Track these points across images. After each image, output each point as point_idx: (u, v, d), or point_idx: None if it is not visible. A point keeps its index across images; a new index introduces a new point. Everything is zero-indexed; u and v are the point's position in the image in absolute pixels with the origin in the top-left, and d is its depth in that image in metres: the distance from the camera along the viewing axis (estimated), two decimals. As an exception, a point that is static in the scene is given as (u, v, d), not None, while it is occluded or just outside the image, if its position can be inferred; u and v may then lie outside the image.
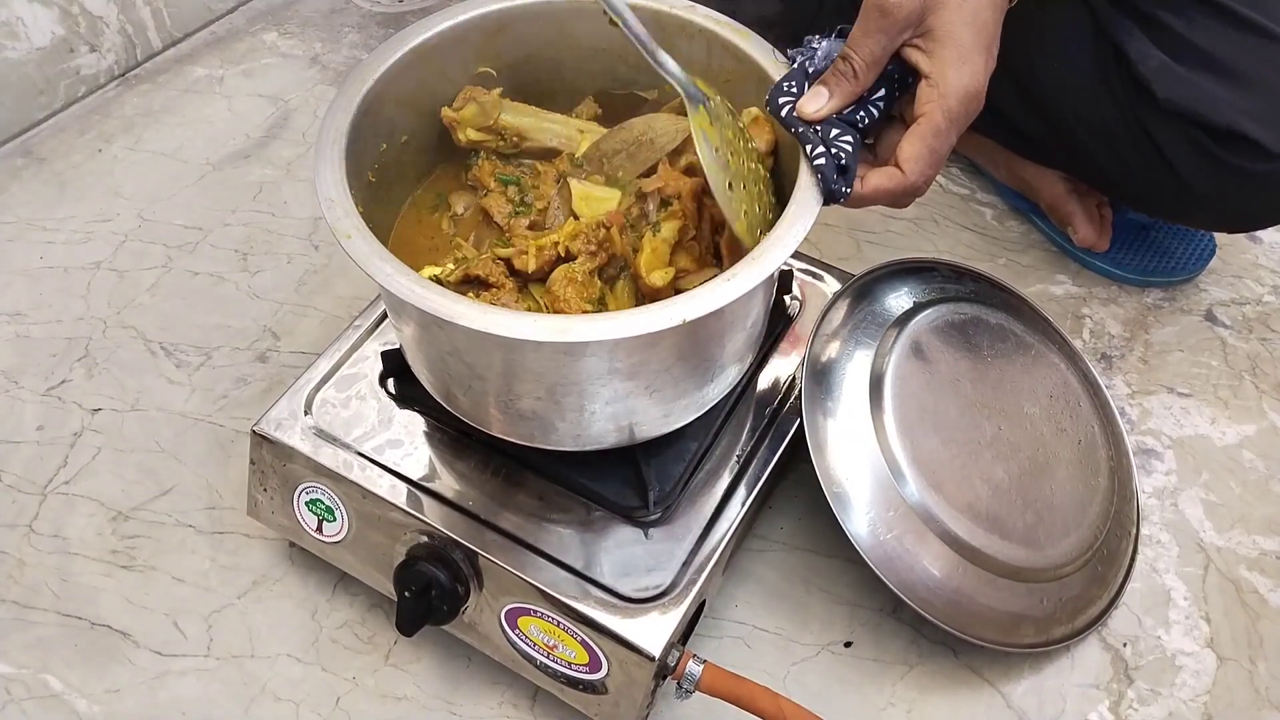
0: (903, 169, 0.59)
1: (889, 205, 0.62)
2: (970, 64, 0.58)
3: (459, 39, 0.70)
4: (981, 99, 0.60)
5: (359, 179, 0.63)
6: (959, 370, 0.74)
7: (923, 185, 0.60)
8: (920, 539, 0.69)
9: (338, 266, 1.00)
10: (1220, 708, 0.73)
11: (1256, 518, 0.84)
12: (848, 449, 0.70)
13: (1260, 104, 0.79)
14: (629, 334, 0.53)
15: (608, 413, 0.61)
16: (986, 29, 0.59)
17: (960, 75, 0.58)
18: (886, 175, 0.60)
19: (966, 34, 0.58)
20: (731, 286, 0.55)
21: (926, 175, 0.60)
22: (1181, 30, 0.80)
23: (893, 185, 0.60)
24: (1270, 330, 0.97)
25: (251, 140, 1.14)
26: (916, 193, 0.61)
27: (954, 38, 0.58)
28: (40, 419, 0.88)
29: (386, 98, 0.66)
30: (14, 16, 1.08)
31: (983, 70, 0.59)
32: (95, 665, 0.74)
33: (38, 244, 1.02)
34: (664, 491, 0.68)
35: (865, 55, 0.59)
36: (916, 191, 0.61)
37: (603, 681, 0.65)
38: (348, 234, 0.57)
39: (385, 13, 1.27)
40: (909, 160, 0.59)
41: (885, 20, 0.58)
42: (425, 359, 0.65)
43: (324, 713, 0.72)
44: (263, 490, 0.74)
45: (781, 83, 0.62)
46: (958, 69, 0.58)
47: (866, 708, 0.73)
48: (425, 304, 0.54)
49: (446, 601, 0.66)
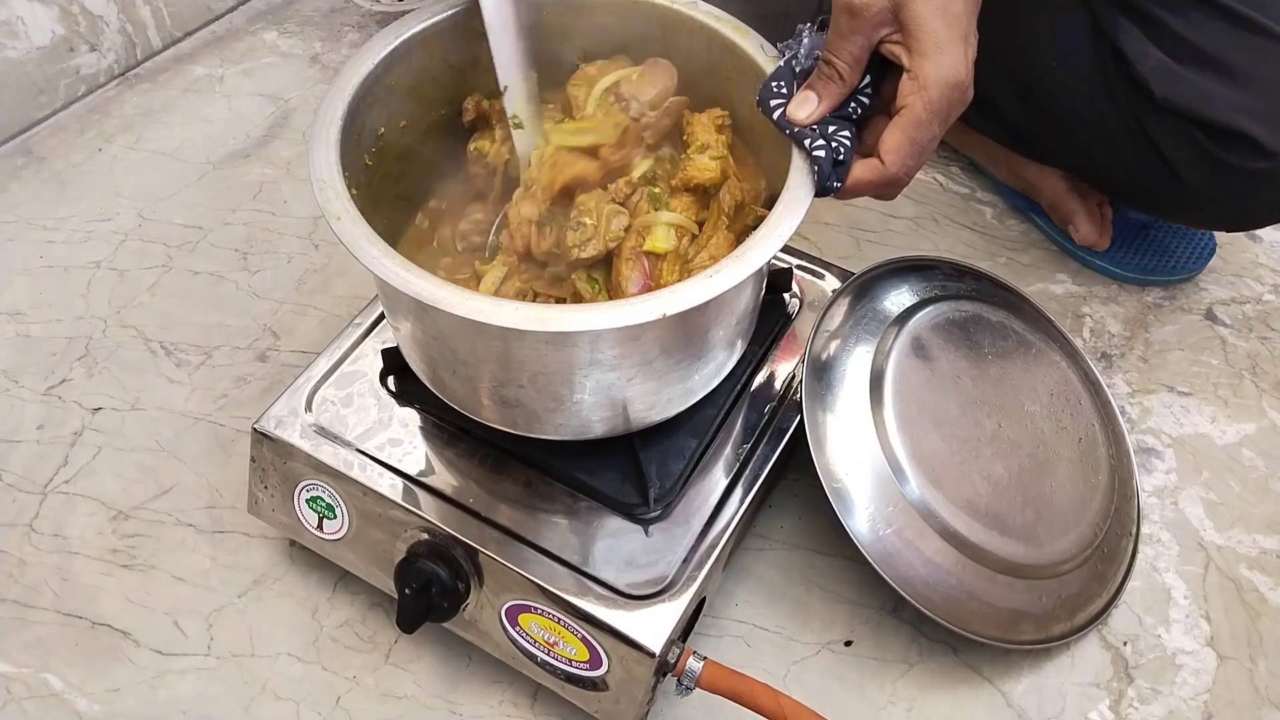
0: (884, 160, 0.60)
1: (873, 196, 0.62)
2: (948, 54, 0.58)
3: (460, 26, 0.70)
4: (965, 89, 0.59)
5: (355, 163, 0.63)
6: (959, 368, 0.74)
7: (904, 177, 0.61)
8: (920, 535, 0.69)
9: (338, 265, 1.00)
10: (1220, 706, 0.73)
11: (1256, 516, 0.84)
12: (848, 446, 0.70)
13: (1259, 102, 0.79)
14: (609, 325, 0.54)
15: (593, 402, 0.61)
16: (960, 19, 0.59)
17: (939, 66, 0.58)
18: (868, 167, 0.60)
19: (939, 24, 0.58)
20: (714, 282, 0.55)
21: (908, 167, 0.60)
22: (1180, 29, 0.80)
23: (874, 177, 0.60)
24: (1270, 329, 0.97)
25: (251, 139, 1.14)
26: (899, 184, 0.61)
27: (927, 30, 0.58)
28: (40, 418, 0.88)
29: (385, 83, 0.67)
30: (14, 16, 1.08)
31: (962, 60, 0.59)
32: (95, 664, 0.74)
33: (38, 243, 1.02)
34: (664, 489, 0.68)
35: (845, 58, 0.60)
36: (898, 183, 0.61)
37: (603, 678, 0.65)
38: (337, 215, 0.57)
39: (385, 12, 1.27)
40: (890, 152, 0.59)
41: (856, 21, 0.59)
42: (415, 344, 0.66)
43: (324, 711, 0.72)
44: (263, 488, 0.74)
45: (770, 82, 0.62)
46: (935, 60, 0.58)
47: (867, 706, 0.73)
48: (410, 289, 0.54)
49: (447, 599, 0.66)
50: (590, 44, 0.72)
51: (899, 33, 0.59)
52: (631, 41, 0.66)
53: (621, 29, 0.70)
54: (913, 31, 0.58)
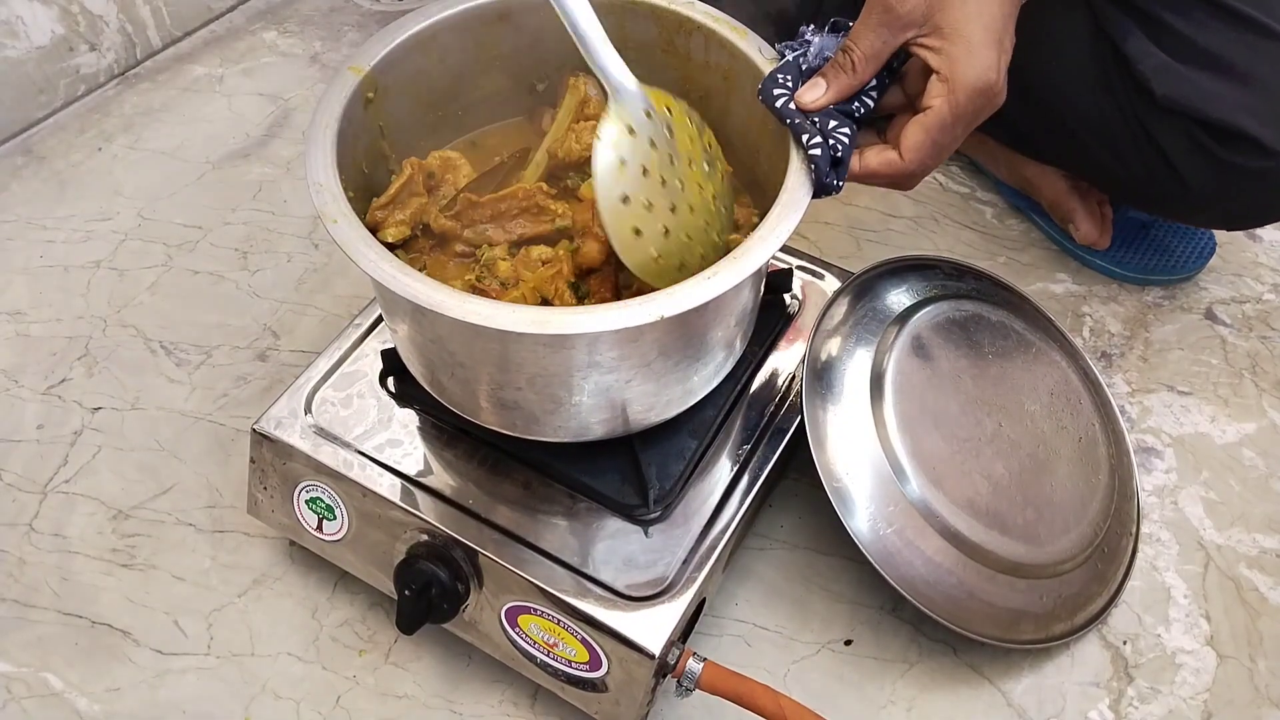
0: (903, 155, 0.60)
1: (883, 186, 0.63)
2: (980, 59, 0.58)
3: (458, 27, 0.70)
4: (995, 94, 0.60)
5: (352, 166, 0.63)
6: (960, 367, 0.74)
7: (919, 173, 0.61)
8: (920, 534, 0.69)
9: (338, 265, 1.00)
10: (1220, 705, 0.73)
11: (1256, 516, 0.84)
12: (848, 445, 0.70)
13: (1260, 101, 0.79)
14: (607, 328, 0.53)
15: (592, 404, 0.61)
16: (995, 24, 0.59)
17: (970, 70, 0.58)
18: (884, 160, 0.61)
19: (975, 29, 0.58)
20: (713, 284, 0.55)
21: (925, 165, 0.60)
22: (1181, 28, 0.80)
23: (889, 170, 0.61)
24: (1270, 328, 0.97)
25: (251, 139, 1.14)
26: (912, 180, 0.61)
27: (961, 34, 0.58)
28: (40, 418, 0.88)
29: (382, 84, 0.66)
30: (14, 15, 1.08)
31: (994, 65, 0.59)
32: (95, 664, 0.74)
33: (37, 243, 1.02)
34: (664, 490, 0.68)
35: (865, 49, 0.60)
36: (912, 179, 0.61)
37: (603, 679, 0.65)
38: (334, 219, 0.57)
39: (385, 11, 1.27)
40: (910, 149, 0.60)
41: (888, 16, 0.59)
42: (413, 347, 0.65)
43: (324, 711, 0.72)
44: (263, 489, 0.74)
45: (776, 73, 0.62)
46: (966, 64, 0.58)
47: (867, 706, 0.73)
48: (408, 291, 0.54)
49: (447, 600, 0.66)
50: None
51: (931, 35, 0.59)
52: (628, 41, 0.66)
53: (618, 29, 0.70)
54: (948, 34, 0.58)
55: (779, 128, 0.62)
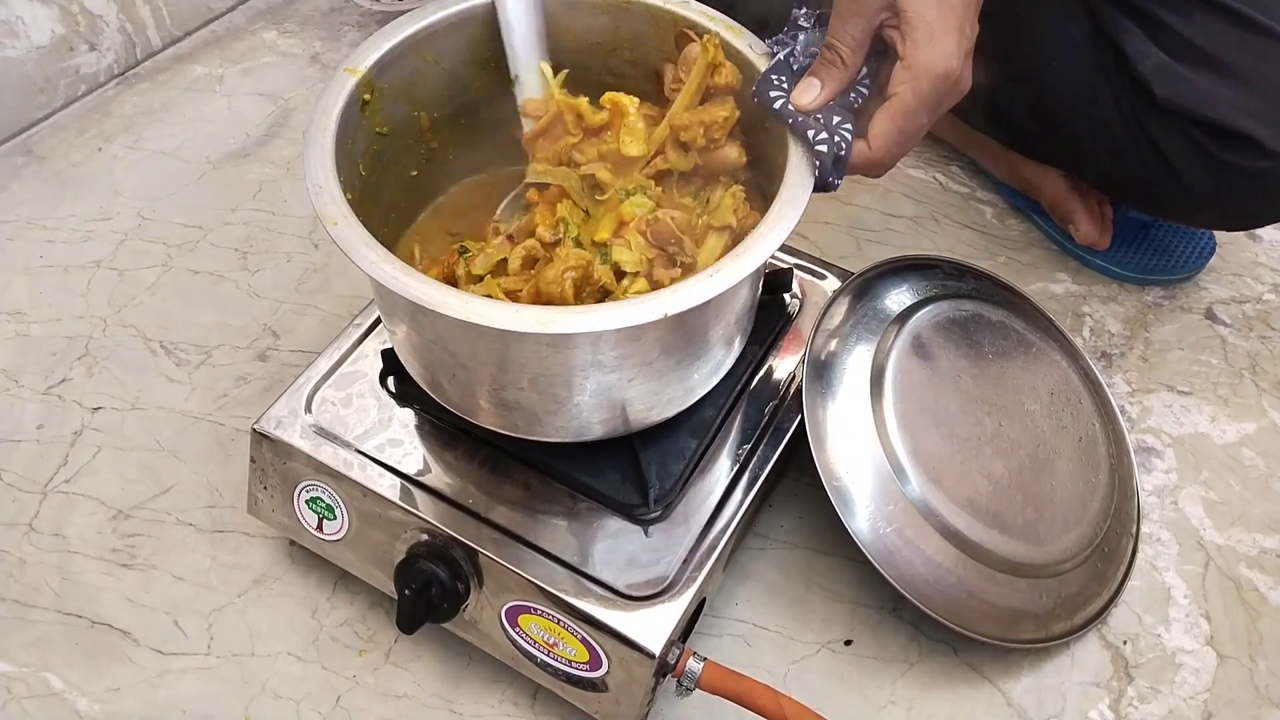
0: (870, 145, 0.60)
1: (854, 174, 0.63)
2: (940, 44, 0.58)
3: (454, 28, 0.70)
4: (957, 79, 0.59)
5: (351, 168, 0.63)
6: (960, 366, 0.74)
7: (888, 162, 0.61)
8: (921, 534, 0.69)
9: (338, 265, 1.00)
10: (1220, 705, 0.73)
11: (1256, 516, 0.84)
12: (848, 444, 0.70)
13: (1259, 102, 0.79)
14: (611, 327, 0.54)
15: (593, 403, 0.61)
16: (955, 9, 0.59)
17: (931, 55, 0.58)
18: (854, 149, 0.61)
19: (933, 13, 0.58)
20: (716, 281, 0.55)
21: (893, 154, 0.61)
22: (1180, 28, 0.80)
23: (859, 160, 0.61)
24: (1270, 328, 0.97)
25: (251, 139, 1.14)
26: (882, 169, 0.62)
27: (921, 17, 0.58)
28: (40, 418, 0.88)
29: (379, 85, 0.66)
30: (13, 15, 1.08)
31: (955, 50, 0.59)
32: (96, 664, 0.74)
33: (37, 243, 1.02)
34: (664, 489, 0.68)
35: (848, 41, 0.60)
36: (882, 167, 0.62)
37: (603, 679, 0.65)
38: (334, 220, 0.57)
39: (385, 11, 1.27)
40: (877, 138, 0.60)
41: (856, 5, 0.59)
42: (413, 348, 0.65)
43: (324, 711, 0.72)
44: (263, 488, 0.74)
45: (769, 74, 0.62)
46: (928, 49, 0.58)
47: (866, 705, 0.73)
48: (410, 292, 0.54)
49: (447, 599, 0.66)
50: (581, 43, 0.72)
51: (897, 18, 0.59)
52: (623, 41, 0.65)
53: (613, 28, 0.70)
54: (909, 19, 0.59)
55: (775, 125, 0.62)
